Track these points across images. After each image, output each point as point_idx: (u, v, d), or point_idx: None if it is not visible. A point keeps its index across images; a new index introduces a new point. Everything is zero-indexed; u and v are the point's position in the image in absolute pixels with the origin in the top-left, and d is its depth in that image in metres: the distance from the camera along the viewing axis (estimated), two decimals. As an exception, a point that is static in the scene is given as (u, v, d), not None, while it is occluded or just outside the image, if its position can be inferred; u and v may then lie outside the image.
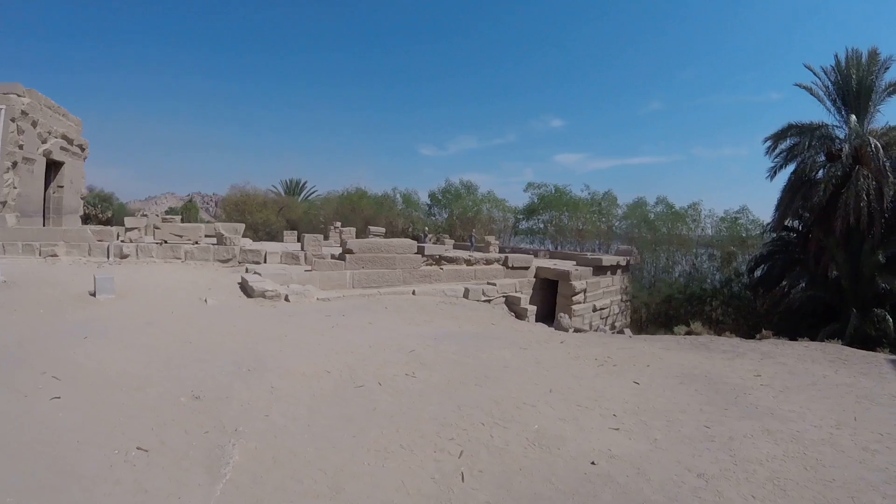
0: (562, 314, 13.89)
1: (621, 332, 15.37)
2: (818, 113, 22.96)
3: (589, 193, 36.58)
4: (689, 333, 13.88)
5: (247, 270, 15.92)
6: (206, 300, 11.73)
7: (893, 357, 10.85)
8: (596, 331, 15.85)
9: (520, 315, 16.91)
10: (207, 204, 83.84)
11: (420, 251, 16.92)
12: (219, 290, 13.07)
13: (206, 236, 19.15)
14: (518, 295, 17.87)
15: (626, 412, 6.16)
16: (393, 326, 10.25)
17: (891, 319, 17.76)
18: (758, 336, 13.47)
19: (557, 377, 7.41)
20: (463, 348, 8.60)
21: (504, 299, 17.60)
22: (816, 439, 5.64)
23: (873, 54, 21.32)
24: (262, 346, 8.05)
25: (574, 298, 20.37)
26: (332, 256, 15.83)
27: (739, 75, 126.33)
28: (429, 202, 44.01)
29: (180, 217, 25.03)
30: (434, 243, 25.40)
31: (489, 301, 16.87)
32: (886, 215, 19.02)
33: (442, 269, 17.35)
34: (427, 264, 17.09)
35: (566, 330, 13.24)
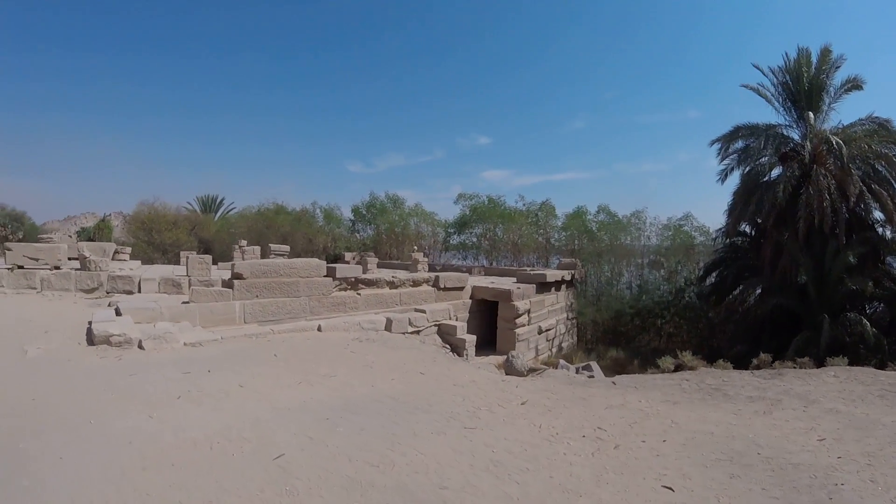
0: (513, 353, 10.82)
1: (587, 366, 12.43)
2: (753, 117, 22.76)
3: (524, 204, 33.95)
4: (678, 367, 11.16)
5: (109, 305, 12.29)
6: (26, 350, 8.33)
7: None
8: (555, 367, 12.82)
9: (456, 348, 13.82)
10: (129, 224, 77.03)
11: (331, 273, 13.54)
12: (59, 332, 9.59)
13: (71, 259, 15.64)
14: (453, 323, 14.74)
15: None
16: (272, 391, 6.83)
17: (867, 323, 16.77)
18: (754, 360, 11.44)
19: (538, 498, 4.19)
20: (369, 441, 5.25)
21: (436, 328, 14.44)
22: None
23: (825, 52, 20.83)
24: (38, 443, 4.74)
25: (517, 321, 17.63)
26: (224, 283, 12.34)
27: (660, 96, 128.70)
28: (352, 218, 40.48)
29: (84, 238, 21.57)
30: (358, 263, 22.30)
31: (418, 332, 13.65)
32: (847, 215, 18.66)
33: (359, 294, 14.01)
34: (340, 289, 13.72)
35: (521, 373, 10.07)
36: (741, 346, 19.47)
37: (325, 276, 13.38)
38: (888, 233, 19.65)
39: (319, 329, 11.77)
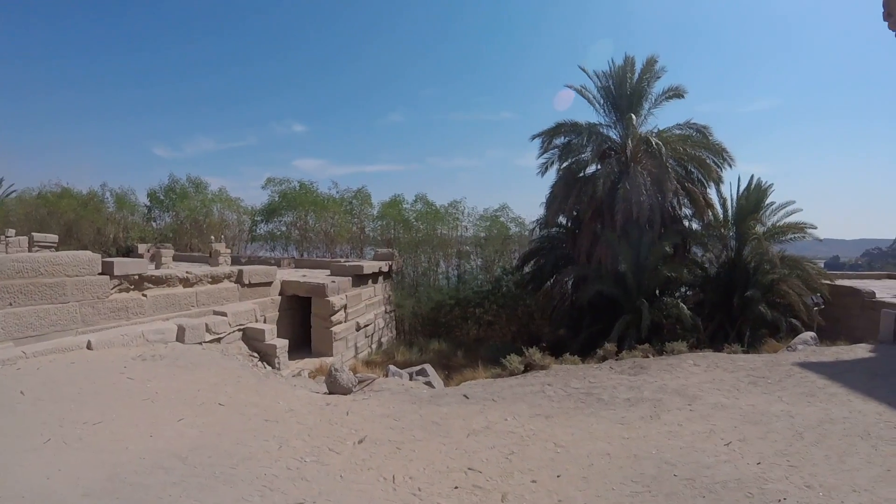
0: (335, 367, 8.96)
1: (421, 370, 11.16)
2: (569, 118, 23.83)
3: (338, 192, 32.16)
4: (528, 367, 10.06)
5: None
6: None
7: (798, 360, 9.78)
8: (385, 373, 11.24)
9: (266, 356, 11.85)
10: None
11: (108, 270, 10.74)
12: None
13: None
14: (260, 326, 12.65)
15: None
16: (2, 465, 4.50)
17: (684, 306, 18.33)
18: (599, 351, 11.69)
19: None
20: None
21: (241, 334, 12.23)
22: None
23: (651, 61, 22.13)
24: None
25: (333, 318, 16.01)
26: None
27: (475, 97, 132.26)
28: (149, 203, 35.74)
29: None
30: (153, 256, 19.35)
31: (219, 340, 11.37)
32: (661, 210, 20.02)
33: (145, 296, 11.38)
34: (120, 290, 11.03)
35: (348, 389, 8.30)
36: (563, 331, 20.80)
37: (100, 275, 10.61)
38: (694, 225, 21.83)
39: (90, 346, 9.16)
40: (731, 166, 21.27)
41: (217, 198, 34.38)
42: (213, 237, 27.45)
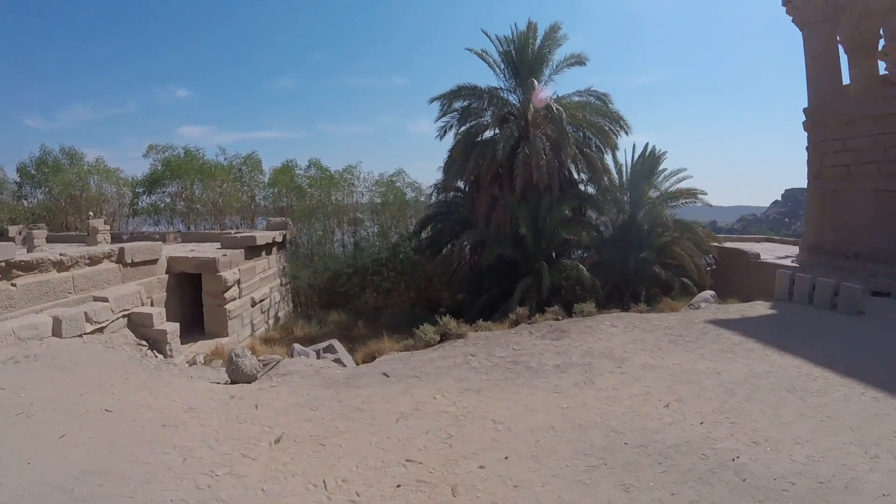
0: (235, 352, 8.19)
1: (329, 347, 10.70)
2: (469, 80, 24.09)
3: (226, 158, 30.64)
4: (444, 336, 9.81)
5: None
6: None
7: (708, 318, 10.24)
8: (289, 352, 10.61)
9: (157, 343, 10.94)
10: None
11: None
12: None
13: None
14: (147, 310, 11.59)
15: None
16: None
17: (583, 267, 19.14)
18: (512, 315, 11.63)
19: None
20: None
21: (126, 320, 11.13)
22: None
23: (554, 28, 22.55)
24: None
25: (226, 295, 15.11)
26: None
27: (368, 61, 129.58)
28: (18, 179, 31.63)
29: None
30: (24, 239, 17.56)
31: (101, 330, 10.24)
32: (560, 174, 20.63)
33: (14, 285, 9.99)
34: None
35: (252, 376, 7.63)
36: (462, 296, 21.37)
37: (-41, 264, 9.25)
38: (591, 190, 22.63)
39: (-54, 351, 7.89)
40: (627, 133, 22.19)
41: (94, 169, 31.20)
42: (90, 213, 25.31)
